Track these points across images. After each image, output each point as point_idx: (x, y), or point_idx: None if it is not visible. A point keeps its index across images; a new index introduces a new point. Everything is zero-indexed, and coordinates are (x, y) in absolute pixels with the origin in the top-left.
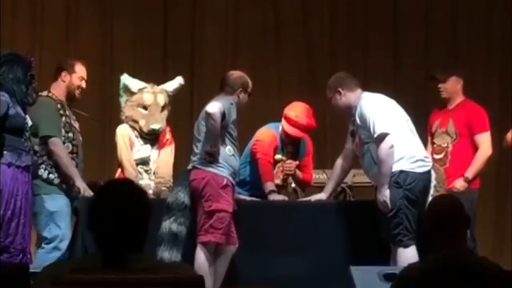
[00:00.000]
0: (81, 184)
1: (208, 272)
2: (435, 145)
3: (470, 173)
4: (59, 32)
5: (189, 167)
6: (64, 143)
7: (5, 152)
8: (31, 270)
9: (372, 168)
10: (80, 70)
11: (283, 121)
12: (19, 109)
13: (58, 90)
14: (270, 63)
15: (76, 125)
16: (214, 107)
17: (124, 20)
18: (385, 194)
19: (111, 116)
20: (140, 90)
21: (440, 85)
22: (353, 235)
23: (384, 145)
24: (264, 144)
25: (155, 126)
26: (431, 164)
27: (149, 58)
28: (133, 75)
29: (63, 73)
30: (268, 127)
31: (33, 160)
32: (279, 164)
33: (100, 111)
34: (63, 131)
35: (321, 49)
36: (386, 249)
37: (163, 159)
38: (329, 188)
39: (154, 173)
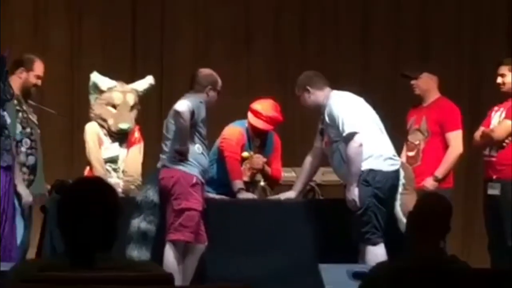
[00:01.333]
0: (22, 191)
1: (177, 271)
2: (408, 142)
3: (439, 172)
4: (27, 29)
5: (158, 165)
6: (22, 139)
7: None
8: (0, 268)
9: (341, 167)
10: (38, 68)
11: (249, 114)
12: None
13: (13, 84)
14: (240, 61)
15: (34, 118)
16: (183, 105)
17: (93, 17)
18: (354, 192)
19: (79, 113)
20: (110, 88)
21: (412, 82)
22: (322, 234)
23: (353, 144)
24: (231, 142)
25: (124, 125)
26: (399, 162)
27: (118, 55)
28: (102, 72)
29: (20, 70)
30: (235, 124)
31: (14, 158)
32: (246, 161)
33: (68, 108)
34: (20, 127)
35: (292, 46)
36: (355, 248)
37: (131, 157)
38: (298, 187)
39: (122, 172)
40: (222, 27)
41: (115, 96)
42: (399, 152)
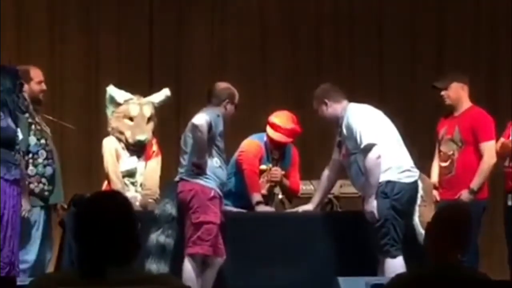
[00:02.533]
0: (25, 204)
1: (196, 284)
2: (441, 153)
3: (475, 184)
4: (44, 46)
5: (176, 179)
6: (37, 151)
7: None
8: (18, 283)
9: (359, 179)
10: (36, 74)
11: (268, 128)
12: (10, 121)
13: None
14: (257, 75)
15: (48, 130)
16: (200, 119)
17: (109, 31)
18: (373, 204)
19: (97, 128)
20: (126, 101)
21: (442, 93)
22: (340, 246)
23: (371, 156)
24: (249, 155)
25: (141, 137)
26: (418, 174)
27: (135, 71)
28: (119, 86)
29: None
30: (253, 137)
31: (22, 173)
32: (264, 174)
33: (86, 122)
34: (34, 139)
35: (307, 58)
36: (374, 260)
37: (149, 170)
38: (316, 199)
39: (140, 185)
40: (238, 41)
41: (132, 108)
42: (422, 164)
